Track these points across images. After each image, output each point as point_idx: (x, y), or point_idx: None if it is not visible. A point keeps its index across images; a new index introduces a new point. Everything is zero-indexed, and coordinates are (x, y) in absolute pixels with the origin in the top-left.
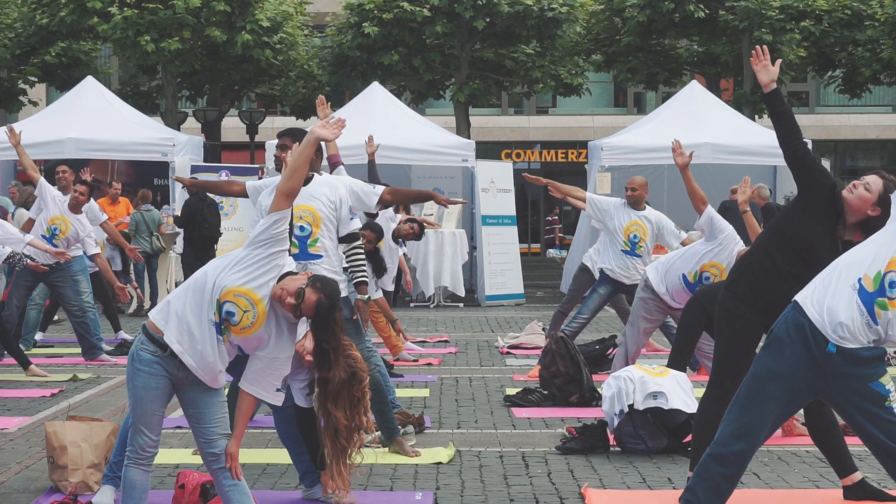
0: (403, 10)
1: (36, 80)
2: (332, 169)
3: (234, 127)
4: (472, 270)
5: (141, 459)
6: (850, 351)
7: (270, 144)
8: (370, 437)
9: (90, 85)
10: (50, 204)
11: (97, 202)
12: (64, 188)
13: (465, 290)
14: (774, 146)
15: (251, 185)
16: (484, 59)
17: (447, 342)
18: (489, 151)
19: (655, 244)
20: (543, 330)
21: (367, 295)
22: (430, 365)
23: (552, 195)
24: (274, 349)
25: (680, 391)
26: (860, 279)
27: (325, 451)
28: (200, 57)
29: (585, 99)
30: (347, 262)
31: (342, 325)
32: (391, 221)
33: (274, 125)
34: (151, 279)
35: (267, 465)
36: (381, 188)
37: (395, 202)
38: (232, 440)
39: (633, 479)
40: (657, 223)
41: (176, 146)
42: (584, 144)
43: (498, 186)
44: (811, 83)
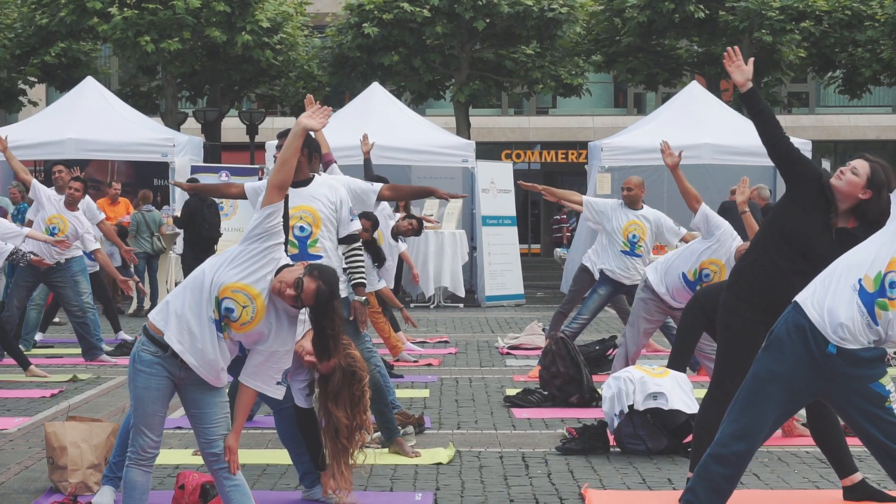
0: (403, 10)
1: (36, 80)
2: (325, 167)
3: (234, 127)
4: (472, 271)
5: (142, 460)
6: (850, 352)
7: (270, 145)
8: (370, 437)
9: (90, 85)
10: (46, 204)
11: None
12: (61, 188)
13: (465, 290)
14: None
15: (250, 186)
16: (484, 59)
17: (447, 343)
18: (489, 152)
19: (655, 244)
20: (543, 330)
21: (364, 297)
22: (430, 365)
23: (548, 200)
24: (274, 342)
25: (680, 392)
26: (860, 280)
27: (325, 451)
28: (200, 57)
29: (585, 99)
30: (346, 263)
31: (340, 313)
32: (389, 219)
33: (274, 126)
34: (152, 280)
35: (267, 465)
36: (379, 185)
37: (394, 198)
38: (231, 433)
39: (633, 479)
40: (655, 222)
41: (176, 147)
42: (584, 145)
43: (498, 187)
44: (811, 84)
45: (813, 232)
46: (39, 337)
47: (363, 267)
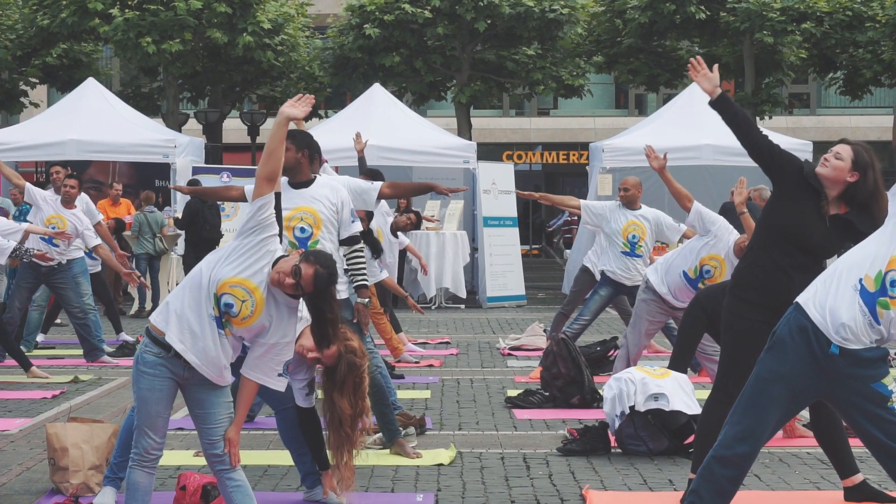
0: (405, 11)
1: (37, 81)
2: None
3: (235, 128)
4: (473, 272)
5: (145, 462)
6: (852, 352)
7: None
8: (371, 438)
9: (91, 86)
10: (42, 205)
11: (98, 203)
12: (59, 188)
13: (466, 291)
14: None
15: (250, 189)
16: (485, 60)
17: (448, 344)
18: (490, 153)
19: (657, 244)
20: (545, 331)
21: (367, 298)
22: (431, 366)
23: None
24: (275, 334)
25: (681, 393)
26: (861, 279)
27: (327, 451)
28: (202, 58)
29: (587, 100)
30: (348, 264)
31: (336, 296)
32: (387, 216)
33: None
34: (153, 281)
35: (268, 466)
36: (379, 184)
37: (395, 196)
38: (232, 426)
39: (634, 480)
40: (655, 221)
41: (177, 148)
42: (585, 146)
43: (499, 188)
44: (812, 85)
45: (806, 223)
46: (41, 338)
47: (365, 268)
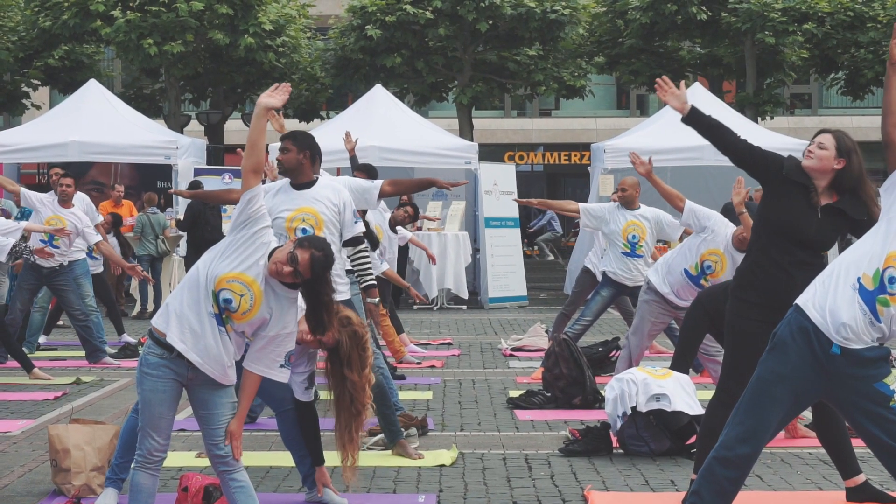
0: (406, 12)
1: (39, 83)
2: None
3: (236, 130)
4: (475, 273)
5: (149, 463)
6: (854, 352)
7: (273, 147)
8: (373, 439)
9: (93, 88)
10: (40, 208)
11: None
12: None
13: (468, 292)
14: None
15: None
16: (487, 61)
17: (450, 344)
18: (492, 154)
19: (658, 244)
20: (546, 332)
21: (377, 298)
22: (433, 367)
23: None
24: (275, 326)
25: (683, 393)
26: (859, 278)
27: (335, 438)
28: (203, 60)
29: (588, 101)
30: (353, 265)
31: (331, 283)
32: (384, 212)
33: None
34: (156, 282)
35: (270, 467)
36: (379, 182)
37: (396, 193)
38: (234, 419)
39: (635, 481)
40: (654, 219)
41: (179, 149)
42: (586, 147)
43: (501, 189)
44: (814, 85)
45: (799, 216)
46: (43, 339)
47: (371, 268)
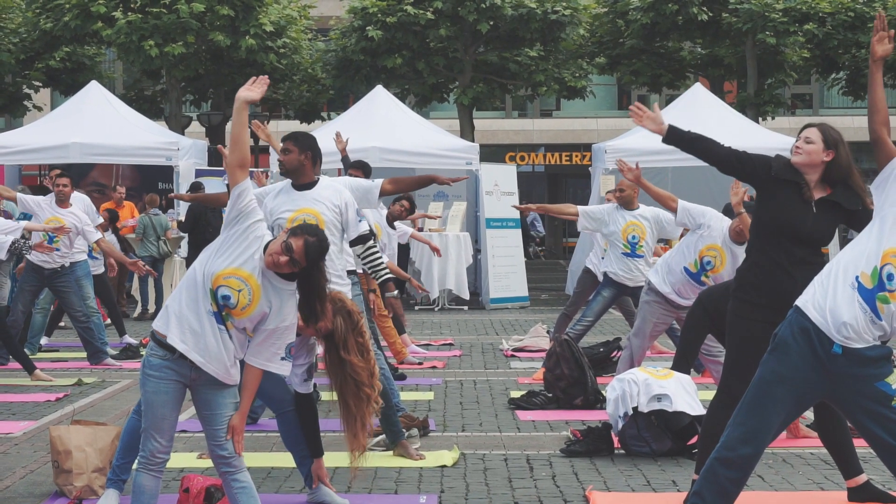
0: (407, 13)
1: (40, 84)
2: None
3: None
4: (476, 273)
5: (151, 465)
6: (855, 351)
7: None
8: (375, 440)
9: (94, 89)
10: (38, 210)
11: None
12: None
13: (469, 293)
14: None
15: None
16: (488, 62)
17: (452, 345)
18: (493, 154)
19: (659, 242)
20: (548, 333)
21: (395, 291)
22: (434, 368)
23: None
24: (275, 319)
25: (684, 393)
26: (858, 277)
27: (345, 428)
28: (204, 61)
29: (589, 101)
30: (365, 263)
31: (324, 273)
32: (381, 209)
33: (278, 129)
34: (157, 283)
35: (272, 468)
36: (380, 181)
37: (397, 191)
38: (236, 414)
39: (637, 481)
40: (654, 218)
41: (180, 150)
42: (588, 147)
43: (502, 189)
44: (815, 85)
45: (794, 213)
46: (45, 341)
47: (384, 263)
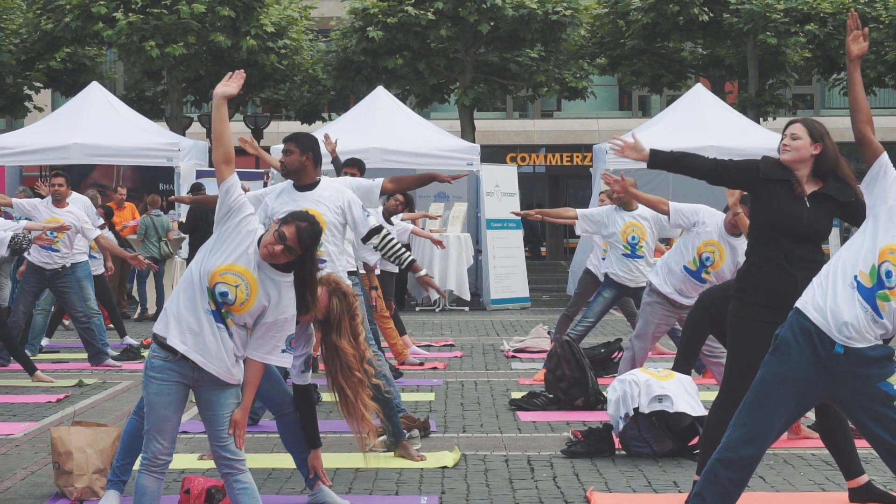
0: (408, 14)
1: (41, 85)
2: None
3: (238, 132)
4: (477, 274)
5: (154, 467)
6: (857, 351)
7: (276, 149)
8: (375, 440)
9: (95, 90)
10: (35, 213)
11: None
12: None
13: (470, 293)
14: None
15: (252, 194)
16: (488, 62)
17: (452, 346)
18: (494, 155)
19: (658, 241)
20: (549, 333)
21: (424, 270)
22: (435, 369)
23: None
24: (273, 312)
25: (685, 394)
26: (856, 276)
27: (344, 414)
28: (205, 62)
29: (590, 102)
30: (385, 252)
31: (315, 263)
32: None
33: (279, 130)
34: (158, 284)
35: (272, 469)
36: (380, 180)
37: (397, 190)
38: (238, 409)
39: (638, 482)
40: (654, 218)
41: (181, 151)
42: (588, 148)
43: (503, 190)
44: (816, 86)
45: (788, 211)
46: (46, 342)
47: (402, 247)
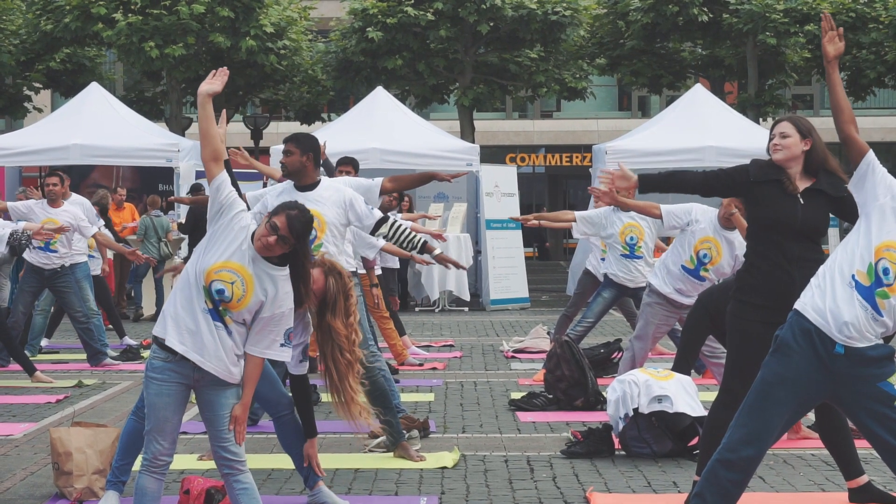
0: (407, 14)
1: (41, 86)
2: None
3: (238, 132)
4: (476, 274)
5: (154, 468)
6: (857, 351)
7: (275, 150)
8: (375, 441)
9: (95, 91)
10: (30, 215)
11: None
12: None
13: (469, 294)
14: None
15: (251, 195)
16: (488, 63)
17: (452, 346)
18: (493, 156)
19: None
20: (548, 334)
21: (438, 249)
22: (434, 369)
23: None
24: (270, 307)
25: (685, 395)
26: (854, 276)
27: (333, 398)
28: (205, 63)
29: (590, 102)
30: (396, 239)
31: (308, 255)
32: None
33: (279, 130)
34: (158, 285)
35: (272, 470)
36: (380, 180)
37: (397, 189)
38: (238, 405)
39: (638, 482)
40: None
41: (181, 152)
42: (588, 148)
43: (502, 190)
44: (816, 86)
45: (783, 209)
46: (45, 342)
47: (410, 230)
